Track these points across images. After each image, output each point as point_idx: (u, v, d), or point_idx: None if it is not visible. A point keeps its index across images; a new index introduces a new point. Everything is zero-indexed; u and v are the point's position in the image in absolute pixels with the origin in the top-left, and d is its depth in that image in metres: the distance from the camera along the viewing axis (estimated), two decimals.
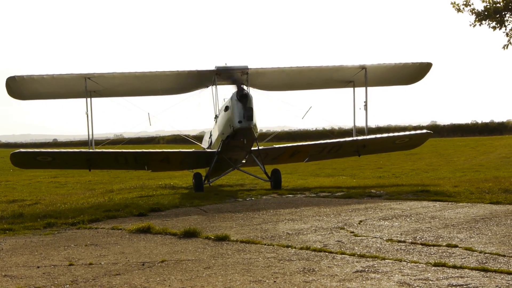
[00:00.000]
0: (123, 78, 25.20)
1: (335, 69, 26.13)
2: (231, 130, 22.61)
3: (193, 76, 25.06)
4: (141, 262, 10.68)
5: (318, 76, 26.69)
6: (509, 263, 9.67)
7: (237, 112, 22.24)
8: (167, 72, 24.97)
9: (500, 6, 22.25)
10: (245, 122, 22.20)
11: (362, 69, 25.93)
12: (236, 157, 24.52)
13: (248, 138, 22.96)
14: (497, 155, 39.72)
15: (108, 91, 25.69)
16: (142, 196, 22.36)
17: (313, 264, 10.06)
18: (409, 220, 14.35)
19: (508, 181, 21.27)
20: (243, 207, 18.41)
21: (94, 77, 24.67)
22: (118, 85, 25.58)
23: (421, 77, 27.38)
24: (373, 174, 30.01)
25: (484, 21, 22.40)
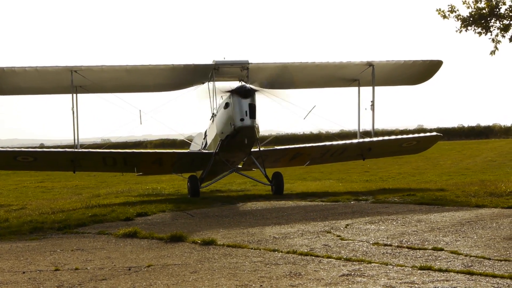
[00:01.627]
0: (112, 71, 23.56)
1: (341, 66, 24.71)
2: (232, 129, 21.20)
3: (189, 70, 23.57)
4: (127, 267, 10.65)
5: (322, 74, 25.28)
6: (494, 266, 9.72)
7: (239, 109, 20.81)
8: (161, 66, 23.45)
9: (485, 12, 22.33)
10: (247, 120, 20.80)
11: (370, 66, 24.65)
12: (233, 159, 23.18)
13: (250, 138, 21.55)
14: (483, 159, 39.90)
15: (96, 86, 23.98)
16: (129, 200, 22.30)
17: (300, 268, 10.08)
18: (395, 224, 14.39)
19: (494, 185, 21.37)
20: (230, 211, 18.41)
21: (81, 70, 22.98)
22: (107, 79, 23.86)
23: (430, 76, 26.16)
24: (360, 178, 30.06)
25: (469, 27, 22.48)
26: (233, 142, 21.68)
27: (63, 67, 22.98)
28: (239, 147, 22.05)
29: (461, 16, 22.66)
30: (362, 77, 24.98)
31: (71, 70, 22.85)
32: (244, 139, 21.31)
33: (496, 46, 22.06)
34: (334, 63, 24.50)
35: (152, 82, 24.49)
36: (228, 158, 22.80)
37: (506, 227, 13.32)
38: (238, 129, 21.00)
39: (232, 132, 21.27)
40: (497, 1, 22.40)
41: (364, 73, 24.75)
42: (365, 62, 24.50)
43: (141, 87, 25.23)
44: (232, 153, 22.53)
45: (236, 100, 20.88)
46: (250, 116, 20.74)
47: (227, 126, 21.39)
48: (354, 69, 24.73)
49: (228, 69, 23.23)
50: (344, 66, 24.64)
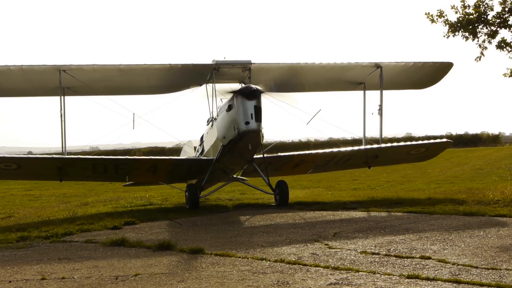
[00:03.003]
0: (104, 71, 21.87)
1: (348, 67, 23.23)
2: (236, 133, 19.62)
3: (187, 71, 22.02)
4: (114, 276, 10.61)
5: (327, 76, 23.76)
6: (481, 274, 9.74)
7: (244, 112, 19.27)
8: (157, 66, 21.79)
9: (473, 18, 22.44)
10: (253, 123, 19.26)
11: (377, 68, 23.30)
12: (233, 167, 21.78)
13: (255, 143, 20.01)
14: (471, 167, 40.02)
15: (86, 88, 22.20)
16: (117, 209, 22.21)
17: (287, 277, 10.06)
18: (383, 232, 14.40)
19: (481, 193, 21.40)
20: (218, 220, 18.38)
21: (70, 70, 21.28)
22: (98, 80, 22.14)
23: (438, 79, 24.91)
24: (349, 186, 30.06)
25: (457, 32, 22.57)
26: (236, 147, 20.25)
27: (51, 66, 21.30)
28: (241, 154, 20.63)
29: (449, 21, 22.78)
30: (368, 80, 23.71)
31: (59, 69, 21.21)
32: (248, 144, 19.82)
33: (482, 52, 22.14)
34: (341, 64, 23.13)
35: (146, 83, 22.96)
36: (227, 165, 21.44)
37: (493, 236, 13.35)
38: (243, 134, 19.49)
39: (236, 137, 19.76)
40: (485, 7, 22.54)
41: (371, 76, 23.43)
42: (372, 63, 23.25)
43: (134, 89, 23.66)
44: (233, 159, 21.13)
45: (241, 102, 19.39)
46: (256, 119, 19.26)
47: (230, 130, 19.88)
48: (360, 71, 23.42)
49: (229, 70, 21.87)
50: (351, 67, 23.29)
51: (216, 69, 21.48)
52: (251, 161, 21.19)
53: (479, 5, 22.44)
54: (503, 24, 22.05)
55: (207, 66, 21.66)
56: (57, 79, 21.25)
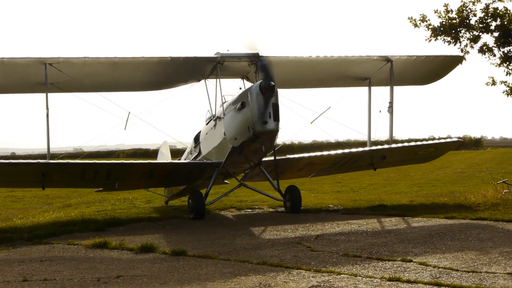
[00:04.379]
0: (97, 65, 19.56)
1: (356, 61, 21.30)
2: (251, 134, 17.72)
3: (187, 65, 20.00)
4: (96, 278, 10.61)
5: (334, 70, 21.89)
6: (462, 277, 9.82)
7: (261, 110, 17.32)
8: (156, 59, 19.62)
9: (455, 22, 22.64)
10: (271, 123, 17.36)
11: (387, 62, 21.51)
12: (235, 170, 20.17)
13: (270, 145, 18.34)
14: (454, 170, 40.26)
15: (73, 84, 19.85)
16: (100, 210, 22.17)
17: (269, 279, 10.10)
18: (365, 235, 14.47)
19: (463, 196, 21.55)
20: (202, 222, 18.38)
21: (58, 63, 18.97)
22: (88, 75, 19.85)
23: (446, 73, 23.43)
24: (332, 189, 30.15)
25: (439, 36, 22.75)
26: (247, 149, 18.57)
27: (35, 59, 18.88)
28: (249, 156, 19.00)
29: (431, 25, 22.96)
30: (374, 75, 22.00)
31: (44, 62, 18.87)
32: (262, 146, 18.12)
33: (464, 56, 22.31)
34: (350, 58, 21.21)
35: (141, 78, 20.70)
36: (227, 169, 19.64)
37: (474, 239, 13.46)
38: (259, 134, 17.58)
39: (251, 138, 17.87)
40: (468, 12, 22.73)
41: (378, 70, 21.67)
42: (382, 57, 21.43)
43: (127, 85, 21.43)
44: (237, 162, 19.39)
45: (256, 99, 17.43)
46: (274, 119, 17.38)
47: (243, 131, 17.94)
48: (368, 66, 21.62)
49: (234, 64, 19.88)
50: (359, 61, 21.40)
51: (220, 62, 19.61)
52: (258, 164, 19.61)
53: (462, 10, 22.67)
54: (485, 29, 22.25)
55: (211, 59, 19.74)
56: (42, 74, 18.96)
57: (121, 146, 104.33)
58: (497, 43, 22.24)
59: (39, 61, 18.89)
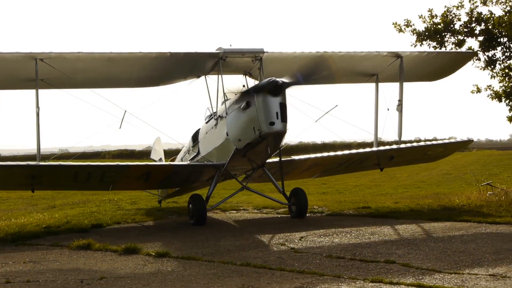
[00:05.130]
0: (91, 60, 18.41)
1: (365, 57, 20.35)
2: (257, 135, 16.75)
3: (188, 60, 18.89)
4: (79, 279, 10.59)
5: (341, 66, 20.68)
6: (444, 279, 9.88)
7: (267, 110, 16.42)
8: (154, 55, 18.48)
9: (440, 27, 22.80)
10: (278, 124, 16.43)
11: (397, 58, 20.49)
12: (235, 172, 19.17)
13: (275, 147, 17.48)
14: (439, 172, 40.38)
15: (66, 80, 18.66)
16: (85, 212, 22.09)
17: (252, 280, 10.12)
18: (349, 236, 14.51)
19: (447, 198, 21.65)
20: (186, 223, 18.37)
21: (49, 59, 17.84)
22: (82, 70, 18.73)
23: (455, 70, 22.41)
24: (317, 190, 30.16)
25: (424, 41, 22.90)
26: (252, 151, 17.61)
27: (26, 54, 17.78)
28: (253, 158, 18.02)
29: (416, 30, 23.11)
30: (382, 71, 21.02)
31: (35, 58, 17.77)
32: (267, 148, 17.18)
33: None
34: (360, 54, 20.25)
35: (137, 74, 19.55)
36: (229, 170, 18.72)
37: (457, 240, 13.52)
38: (265, 136, 16.68)
39: (256, 140, 16.93)
40: (452, 17, 22.89)
41: (386, 66, 20.68)
42: (392, 53, 20.47)
43: (121, 81, 20.13)
44: (238, 164, 18.44)
45: (263, 98, 16.51)
46: (281, 119, 16.47)
47: (248, 132, 17.00)
48: (377, 62, 20.66)
49: (237, 60, 18.76)
50: (368, 57, 20.41)
51: (223, 58, 18.53)
52: (261, 165, 18.59)
53: (446, 14, 22.85)
54: (470, 33, 22.41)
55: (213, 54, 18.64)
56: (32, 69, 17.90)
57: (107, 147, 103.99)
58: (481, 47, 22.42)
59: (29, 56, 17.82)
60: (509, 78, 22.10)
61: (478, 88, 22.98)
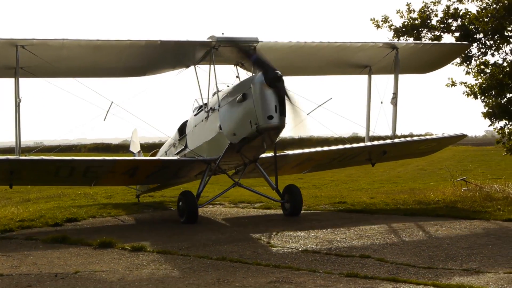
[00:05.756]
0: (76, 48, 17.42)
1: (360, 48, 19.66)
2: (254, 130, 15.91)
3: (178, 49, 18.04)
4: (54, 273, 10.52)
5: (335, 57, 20.14)
6: (418, 273, 9.93)
7: (266, 103, 15.59)
8: (143, 43, 17.54)
9: (417, 23, 22.94)
10: (277, 118, 15.58)
11: (393, 49, 19.97)
12: (224, 167, 18.28)
13: (272, 142, 16.78)
14: (415, 167, 40.64)
15: (48, 68, 17.60)
16: (60, 205, 21.95)
17: (228, 275, 10.11)
18: (325, 231, 14.54)
19: (422, 193, 21.79)
20: (162, 217, 18.34)
21: (31, 45, 16.71)
22: (65, 58, 17.70)
23: (447, 62, 22.17)
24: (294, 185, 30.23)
25: (402, 37, 23.02)
26: (247, 146, 16.75)
27: (6, 40, 16.66)
28: (247, 153, 17.24)
29: (394, 26, 23.24)
30: (375, 63, 20.45)
31: (16, 44, 16.67)
32: (263, 143, 16.56)
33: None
34: (356, 45, 19.63)
35: (124, 63, 18.62)
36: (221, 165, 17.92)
37: (432, 235, 13.62)
38: (263, 130, 15.84)
39: (253, 134, 16.09)
40: (429, 13, 23.03)
41: (378, 58, 20.13)
42: (388, 44, 20.18)
43: (105, 71, 19.28)
44: (229, 158, 17.57)
45: (260, 90, 15.66)
46: (280, 113, 15.65)
47: (244, 126, 16.16)
48: (371, 53, 20.07)
49: (229, 49, 17.60)
50: (363, 48, 19.79)
51: (215, 47, 17.59)
52: (254, 161, 17.90)
53: (424, 10, 22.98)
54: (446, 29, 22.56)
55: (205, 43, 17.71)
56: (12, 57, 16.86)
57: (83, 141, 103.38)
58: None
59: (9, 42, 16.66)
60: (484, 75, 22.25)
61: (453, 81, 23.11)
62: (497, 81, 21.49)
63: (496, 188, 21.30)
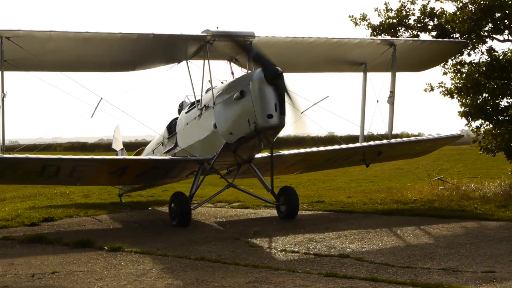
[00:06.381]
0: (64, 40, 16.45)
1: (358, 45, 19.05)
2: (252, 129, 15.23)
3: (171, 43, 17.19)
4: (31, 274, 10.42)
5: (331, 54, 19.39)
6: (397, 273, 9.96)
7: (265, 101, 14.91)
8: (135, 36, 16.60)
9: (394, 22, 23.05)
10: (276, 117, 14.89)
11: (390, 46, 19.26)
12: (218, 167, 17.63)
13: (269, 142, 16.14)
14: (391, 166, 40.76)
15: (34, 61, 16.78)
16: (36, 205, 21.74)
17: (207, 275, 10.07)
18: (303, 231, 14.54)
19: (400, 192, 21.88)
20: (139, 217, 18.26)
21: (17, 37, 15.82)
22: (53, 51, 16.76)
23: (442, 60, 22.03)
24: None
25: (379, 35, 23.11)
26: (243, 146, 16.16)
27: None
28: (242, 153, 16.64)
29: (371, 24, 23.35)
30: (370, 60, 19.81)
31: (1, 36, 15.84)
32: (261, 143, 15.93)
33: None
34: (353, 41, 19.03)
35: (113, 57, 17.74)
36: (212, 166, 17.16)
37: (410, 234, 13.67)
38: (262, 130, 15.17)
39: (251, 134, 15.44)
40: (407, 12, 23.14)
41: (374, 55, 19.49)
42: (386, 40, 19.56)
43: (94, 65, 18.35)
44: (222, 160, 16.94)
45: (260, 88, 14.97)
46: (280, 112, 14.96)
47: (242, 125, 15.47)
48: (368, 50, 19.42)
49: (224, 44, 16.85)
50: (360, 45, 19.19)
51: (210, 42, 16.83)
52: (248, 161, 17.26)
53: (401, 9, 23.08)
54: (423, 29, 22.67)
55: (200, 37, 16.91)
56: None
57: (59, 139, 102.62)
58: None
59: None
60: (461, 74, 22.38)
61: (432, 86, 23.20)
62: (473, 81, 21.61)
63: (473, 187, 21.46)
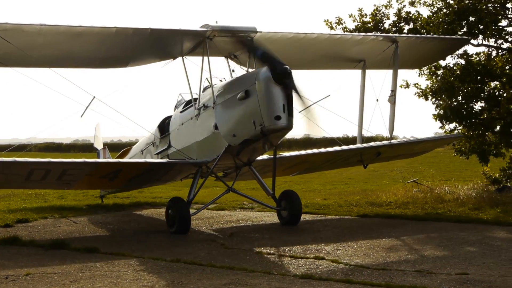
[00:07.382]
0: (54, 35, 15.29)
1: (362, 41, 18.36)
2: (258, 131, 14.27)
3: (168, 38, 16.23)
4: (4, 276, 10.34)
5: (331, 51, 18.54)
6: (372, 275, 10.02)
7: (272, 102, 13.98)
8: (131, 30, 15.51)
9: (370, 26, 23.18)
10: (285, 118, 13.98)
11: (392, 43, 18.46)
12: (215, 170, 16.49)
13: (274, 144, 15.31)
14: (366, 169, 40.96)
15: (22, 57, 15.52)
16: (10, 206, 21.55)
17: (182, 276, 10.06)
18: (279, 233, 14.58)
19: (375, 194, 22.00)
20: (115, 218, 18.16)
21: (4, 31, 14.55)
22: (42, 46, 15.56)
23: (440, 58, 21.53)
24: (247, 186, 30.16)
25: None
26: (247, 149, 15.27)
27: None
28: (243, 156, 15.74)
29: (347, 28, 23.45)
30: (370, 57, 19.01)
31: None
32: (265, 146, 14.89)
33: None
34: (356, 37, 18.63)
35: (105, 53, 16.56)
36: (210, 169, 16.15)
37: (385, 237, 13.74)
38: (269, 132, 14.27)
39: (256, 136, 14.49)
40: (382, 16, 23.28)
41: (373, 52, 18.72)
42: (388, 37, 18.95)
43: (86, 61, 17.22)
44: (221, 162, 15.82)
45: (267, 87, 14.03)
46: (288, 113, 14.08)
47: (247, 126, 14.50)
48: (368, 46, 18.67)
49: (224, 40, 15.92)
50: (362, 42, 18.46)
51: (209, 37, 15.78)
52: (248, 164, 16.41)
53: (376, 13, 23.22)
54: (399, 33, 22.81)
55: (199, 32, 15.84)
56: None
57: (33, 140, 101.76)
58: None
59: None
60: (436, 77, 22.56)
61: (408, 83, 23.36)
62: (447, 84, 21.79)
63: (447, 189, 21.64)
